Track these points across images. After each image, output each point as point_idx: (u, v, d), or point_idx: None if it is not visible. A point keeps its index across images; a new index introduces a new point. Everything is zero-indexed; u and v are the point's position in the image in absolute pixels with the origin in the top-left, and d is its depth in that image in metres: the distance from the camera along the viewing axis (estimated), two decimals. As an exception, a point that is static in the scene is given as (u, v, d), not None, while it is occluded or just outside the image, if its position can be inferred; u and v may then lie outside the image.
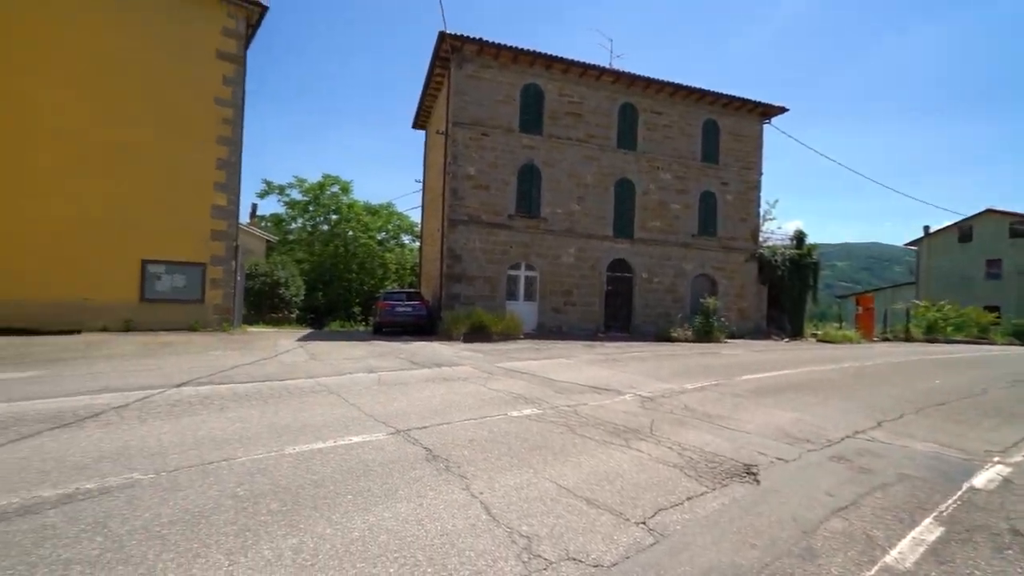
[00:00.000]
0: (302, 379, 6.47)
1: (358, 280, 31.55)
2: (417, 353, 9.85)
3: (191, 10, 12.17)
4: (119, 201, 11.47)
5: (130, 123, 11.53)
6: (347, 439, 3.87)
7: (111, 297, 11.50)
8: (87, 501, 2.67)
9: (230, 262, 13.06)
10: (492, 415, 4.84)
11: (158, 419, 4.34)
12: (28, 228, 10.56)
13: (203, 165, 12.45)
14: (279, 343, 11.27)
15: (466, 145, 15.51)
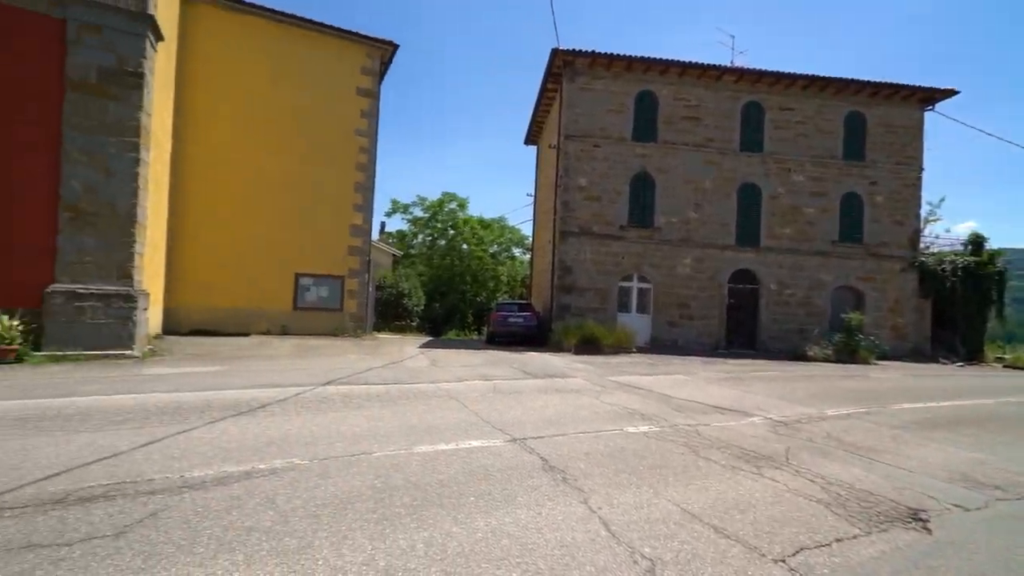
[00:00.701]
0: (425, 384, 6.95)
1: (472, 291, 33.09)
2: (529, 363, 10.03)
3: (337, 56, 13.94)
4: (279, 224, 13.42)
5: (289, 157, 13.49)
6: (468, 443, 4.07)
7: (273, 306, 13.45)
8: (260, 479, 3.14)
9: (364, 275, 14.53)
10: (607, 429, 4.75)
11: (309, 413, 4.96)
12: (215, 249, 12.81)
13: (343, 189, 14.09)
14: (404, 349, 12.24)
15: (577, 157, 15.58)
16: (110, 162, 8.32)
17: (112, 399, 5.25)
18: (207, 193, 12.64)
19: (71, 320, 8.02)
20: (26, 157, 7.88)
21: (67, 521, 2.48)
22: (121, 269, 8.48)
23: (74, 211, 8.12)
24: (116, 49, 8.32)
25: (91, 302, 8.15)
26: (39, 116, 7.93)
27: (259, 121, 13.19)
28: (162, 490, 2.90)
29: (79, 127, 8.12)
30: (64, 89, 8.03)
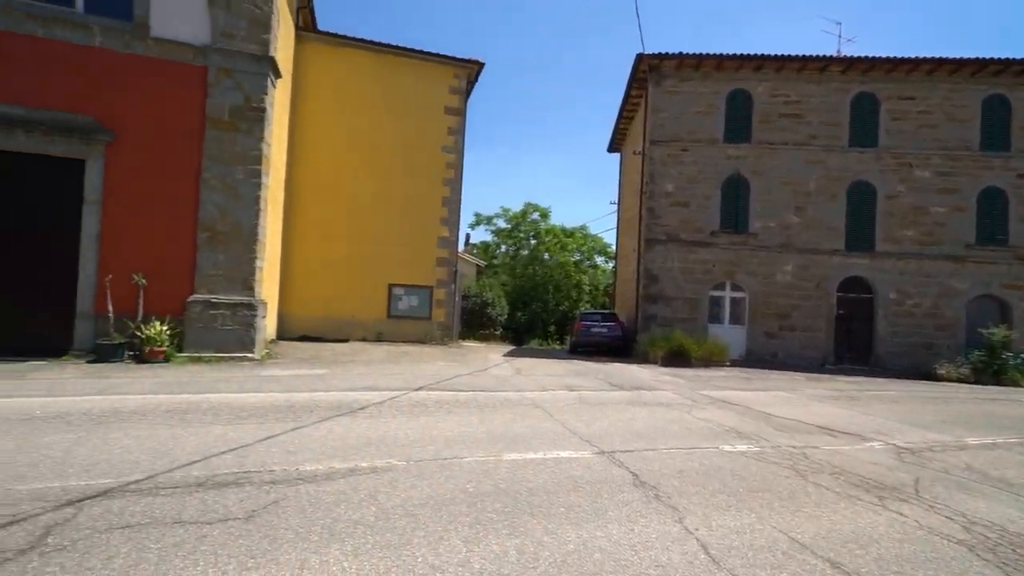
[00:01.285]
0: (511, 392, 7.06)
1: (554, 300, 33.10)
2: (614, 374, 9.81)
3: (426, 78, 14.78)
4: (374, 238, 14.41)
5: (383, 176, 14.48)
6: (555, 453, 4.07)
7: (368, 314, 14.43)
8: (363, 476, 3.37)
9: (451, 285, 15.13)
10: (701, 446, 4.51)
11: (404, 416, 5.24)
12: (320, 263, 14.04)
13: (431, 203, 14.82)
14: (489, 357, 12.53)
15: (663, 162, 15.09)
16: (238, 187, 9.50)
17: (238, 397, 5.92)
18: (314, 212, 13.93)
19: (206, 326, 9.19)
20: (176, 185, 9.23)
21: (207, 503, 2.83)
22: (245, 281, 9.59)
23: (210, 231, 9.36)
24: (244, 88, 9.52)
25: (221, 310, 9.29)
26: (186, 150, 9.26)
27: (357, 144, 14.31)
28: (281, 481, 3.22)
29: (214, 157, 9.37)
30: (204, 126, 9.33)
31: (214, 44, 9.39)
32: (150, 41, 9.10)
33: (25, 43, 8.56)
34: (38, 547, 2.26)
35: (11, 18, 8.50)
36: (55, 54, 8.68)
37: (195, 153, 9.33)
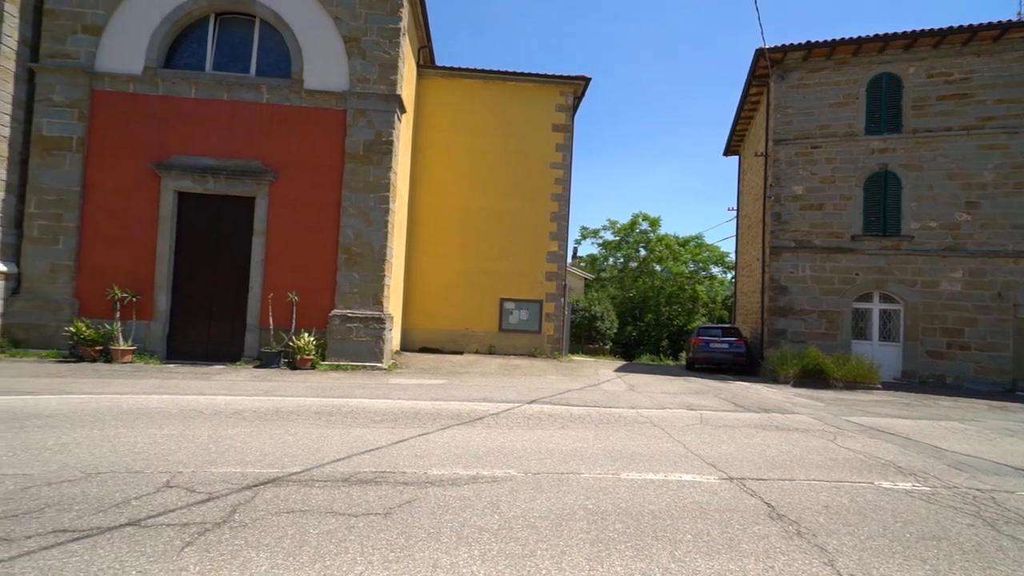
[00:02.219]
0: (625, 409, 6.87)
1: (667, 314, 31.59)
2: (739, 394, 9.06)
3: (533, 98, 15.22)
4: (487, 254, 15.06)
5: (495, 194, 15.13)
6: (677, 476, 3.87)
7: (481, 327, 15.06)
8: (485, 484, 3.52)
9: (560, 299, 15.21)
10: (851, 480, 3.97)
11: (520, 428, 5.36)
12: (438, 279, 15.03)
13: (540, 219, 15.11)
14: (599, 372, 12.32)
15: (790, 163, 13.76)
16: (370, 213, 10.60)
17: (372, 402, 6.53)
18: (432, 231, 14.99)
19: (344, 338, 10.31)
20: (321, 214, 10.58)
21: (352, 497, 3.16)
22: (375, 297, 10.60)
23: (348, 253, 10.54)
24: (375, 125, 10.66)
25: (356, 324, 10.36)
26: (329, 183, 10.60)
27: (472, 165, 15.16)
28: (412, 483, 3.48)
29: (351, 187, 10.58)
30: (344, 160, 10.61)
31: (352, 89, 10.69)
32: (303, 92, 10.64)
33: (216, 106, 10.52)
34: (228, 521, 2.70)
35: (207, 89, 10.52)
36: (236, 112, 10.53)
37: (336, 185, 10.63)
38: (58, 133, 10.19)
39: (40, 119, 10.18)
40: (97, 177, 10.30)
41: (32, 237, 10.09)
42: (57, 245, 10.11)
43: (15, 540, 2.39)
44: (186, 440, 4.33)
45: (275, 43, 10.93)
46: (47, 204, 10.12)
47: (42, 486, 3.12)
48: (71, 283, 10.12)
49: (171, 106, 10.47)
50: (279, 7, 10.74)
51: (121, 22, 10.47)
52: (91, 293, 10.09)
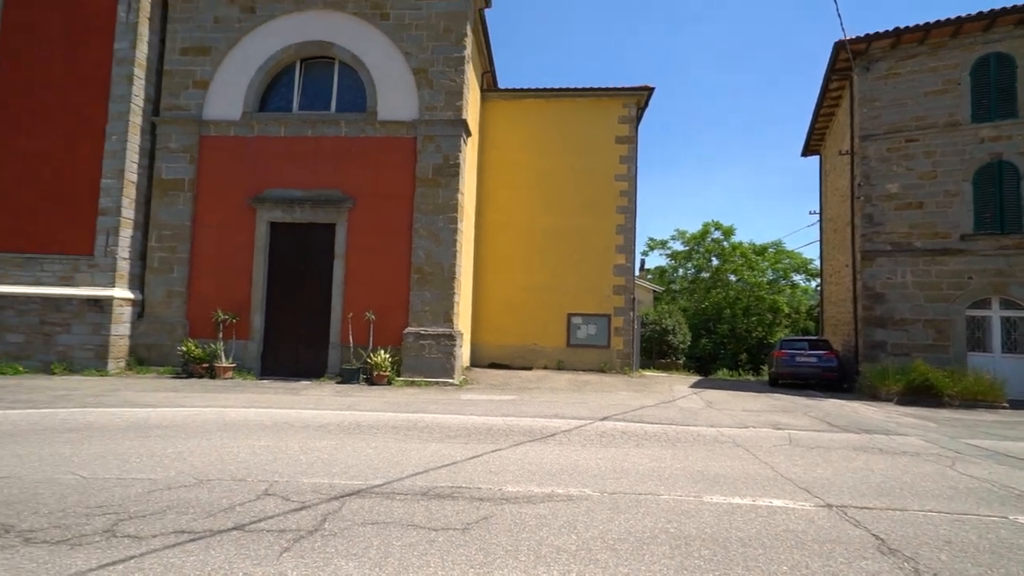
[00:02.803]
0: (703, 427, 6.54)
1: (744, 326, 29.80)
2: (832, 413, 8.32)
3: (595, 112, 15.21)
4: (553, 270, 15.08)
5: (559, 209, 15.18)
6: (766, 501, 3.61)
7: (549, 342, 15.03)
8: (560, 503, 3.48)
9: (628, 313, 14.86)
10: (978, 514, 3.50)
11: (593, 446, 5.27)
12: (505, 295, 15.24)
13: (606, 232, 14.93)
14: (673, 388, 11.83)
15: (882, 159, 12.64)
16: (439, 234, 11.02)
17: (445, 418, 6.70)
18: (499, 249, 15.27)
19: (417, 354, 10.70)
20: (394, 237, 11.17)
21: (431, 511, 3.25)
22: (445, 315, 10.94)
23: (420, 273, 11.00)
24: (443, 150, 11.15)
25: (428, 341, 10.73)
26: (401, 207, 11.19)
27: (536, 182, 15.34)
28: (488, 499, 3.52)
29: (422, 210, 11.08)
30: (415, 185, 11.16)
31: (421, 117, 11.28)
32: (377, 124, 11.38)
33: (302, 142, 11.53)
34: (319, 530, 2.87)
35: (294, 127, 11.57)
36: (319, 146, 11.47)
37: (408, 208, 11.18)
38: (173, 176, 11.59)
39: (159, 164, 11.65)
40: (204, 213, 11.57)
41: (153, 267, 11.48)
42: (172, 274, 11.42)
43: (144, 538, 2.69)
44: (280, 451, 4.67)
45: (352, 80, 11.81)
46: (165, 238, 11.49)
47: (164, 490, 3.49)
48: (183, 307, 11.36)
49: (264, 145, 11.59)
50: (356, 48, 11.62)
51: (223, 76, 11.80)
52: (199, 316, 11.26)
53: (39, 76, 11.57)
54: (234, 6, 11.87)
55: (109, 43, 11.42)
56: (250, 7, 11.86)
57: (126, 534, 2.74)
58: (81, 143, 11.32)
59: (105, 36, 11.46)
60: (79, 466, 4.05)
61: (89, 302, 10.84)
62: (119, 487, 3.55)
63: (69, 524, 2.87)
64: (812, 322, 30.32)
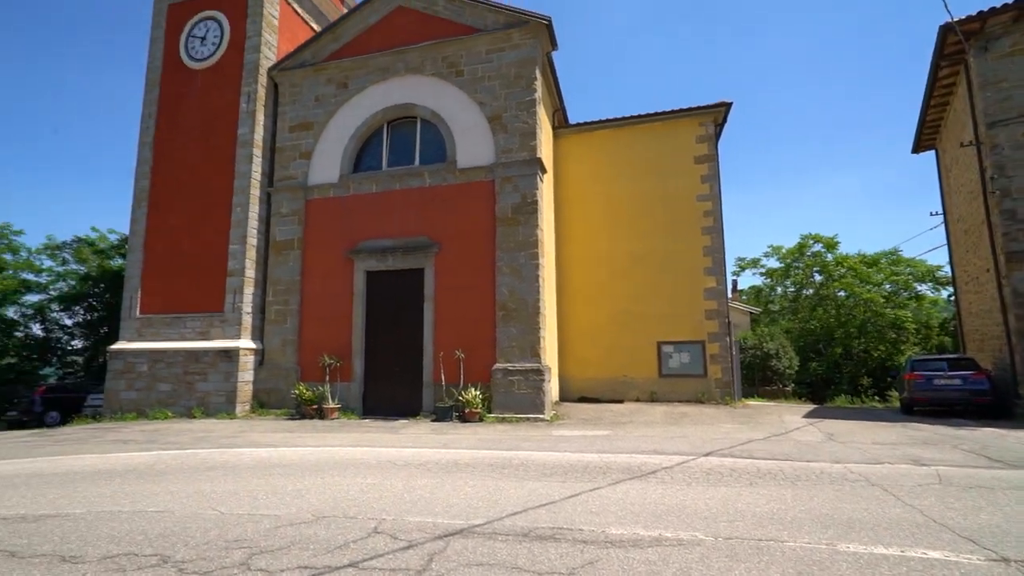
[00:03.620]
0: (826, 463, 5.85)
1: (861, 346, 26.60)
2: (991, 445, 7.07)
3: (670, 135, 14.90)
4: (638, 297, 14.65)
5: (641, 235, 14.85)
6: (920, 552, 3.11)
7: (640, 373, 14.44)
8: (669, 547, 3.25)
9: (725, 338, 13.93)
10: None
11: (699, 484, 4.91)
12: (590, 326, 15.00)
13: (692, 255, 14.30)
14: (784, 419, 10.76)
15: (1017, 146, 11.01)
16: (521, 270, 11.24)
17: (539, 455, 6.62)
18: (581, 280, 15.18)
19: (506, 390, 10.79)
20: (478, 275, 11.58)
21: (534, 553, 3.19)
22: (532, 349, 10.99)
23: (504, 309, 11.23)
24: (520, 189, 11.51)
25: (517, 376, 10.79)
26: (483, 247, 11.64)
27: (614, 210, 15.21)
28: (592, 541, 3.39)
29: (503, 248, 11.42)
30: (495, 224, 11.57)
31: (497, 160, 11.80)
32: (457, 172, 12.08)
33: (391, 196, 12.53)
34: (427, 570, 2.93)
35: (384, 183, 12.65)
36: (406, 198, 12.39)
37: (490, 248, 11.58)
38: (285, 237, 13.05)
39: (274, 227, 13.19)
40: (310, 267, 12.83)
41: (270, 319, 12.83)
42: (286, 324, 12.67)
43: (273, 572, 2.91)
44: (384, 489, 4.88)
45: (433, 134, 12.70)
46: (279, 292, 12.85)
47: (287, 526, 3.78)
48: (295, 354, 12.50)
49: (359, 202, 12.73)
50: (434, 105, 12.56)
51: (323, 145, 13.26)
52: (308, 361, 12.31)
53: (181, 163, 13.80)
54: (331, 84, 13.41)
55: (233, 130, 13.38)
56: (343, 83, 13.33)
57: (259, 568, 2.99)
58: (212, 216, 13.20)
59: (230, 124, 13.46)
60: (217, 502, 4.52)
61: (220, 353, 12.31)
62: (251, 523, 3.90)
63: (212, 556, 3.20)
64: (948, 337, 26.36)
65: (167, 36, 14.61)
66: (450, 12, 12.91)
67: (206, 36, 14.27)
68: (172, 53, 14.53)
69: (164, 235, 13.57)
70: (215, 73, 14.03)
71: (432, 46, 12.73)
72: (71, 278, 22.64)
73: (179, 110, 14.12)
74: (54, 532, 3.81)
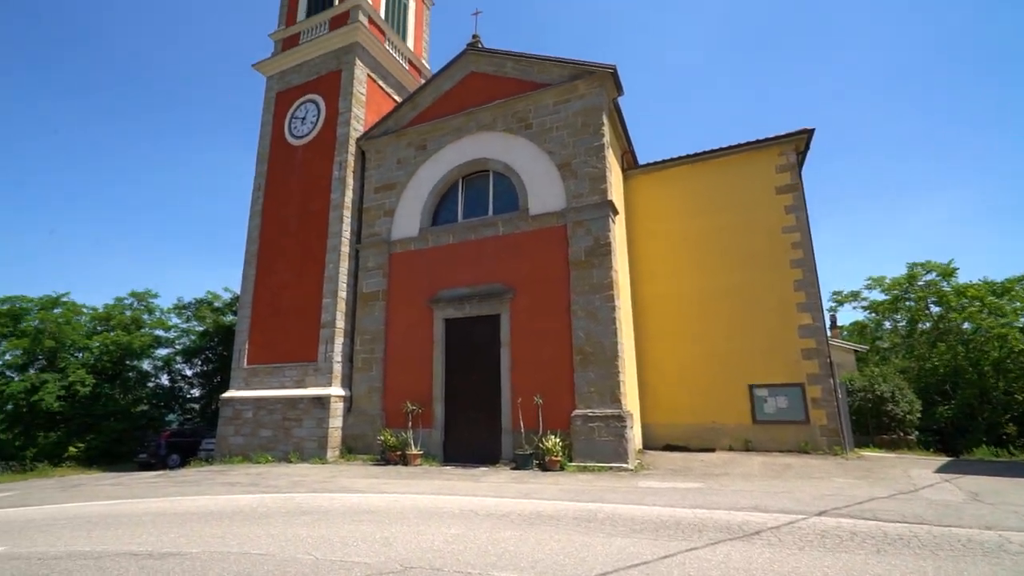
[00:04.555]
0: (973, 529, 4.98)
1: (999, 387, 22.85)
2: None
3: (748, 166, 14.36)
4: (723, 337, 13.80)
5: (722, 272, 14.17)
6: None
7: (730, 420, 13.39)
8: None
9: (827, 379, 12.63)
10: None
11: (813, 549, 4.36)
12: (671, 370, 14.27)
13: (782, 290, 13.35)
14: (910, 473, 9.38)
15: None
16: (597, 313, 11.09)
17: (626, 508, 6.26)
18: (659, 321, 14.64)
19: (587, 438, 10.44)
20: (553, 320, 11.57)
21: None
22: (612, 395, 10.63)
23: (581, 354, 11.06)
24: (592, 232, 11.56)
25: (597, 423, 10.44)
26: (557, 291, 11.69)
27: (691, 248, 14.71)
28: (693, 609, 3.10)
29: (578, 291, 11.39)
30: (569, 269, 11.63)
31: (568, 206, 12.00)
32: (530, 219, 12.41)
33: (466, 246, 13.09)
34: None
35: (460, 234, 13.27)
36: (481, 247, 12.87)
37: (564, 292, 11.59)
38: (371, 289, 13.96)
39: (361, 280, 14.18)
40: (394, 316, 13.54)
41: (357, 367, 13.57)
42: (371, 371, 13.33)
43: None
44: (469, 541, 4.83)
45: (505, 185, 13.24)
46: (365, 341, 13.63)
47: None
48: (380, 400, 13.04)
49: (437, 254, 13.40)
50: (505, 158, 13.16)
51: (404, 203, 14.29)
52: (392, 407, 12.77)
53: (283, 227, 15.44)
54: (410, 148, 14.57)
55: (327, 195, 14.83)
56: (422, 145, 14.42)
57: (354, 617, 3.04)
58: (308, 273, 14.49)
59: (324, 190, 14.96)
60: (312, 547, 4.71)
61: (314, 400, 13.15)
62: (343, 570, 4.01)
63: (312, 603, 3.30)
64: (1120, 376, 22.05)
65: (275, 119, 16.77)
66: (518, 71, 13.69)
67: (306, 116, 16.21)
68: (278, 133, 16.61)
69: (268, 292, 15.06)
70: (312, 147, 15.78)
71: (502, 104, 13.49)
72: (192, 334, 25.59)
73: (282, 181, 15.96)
74: (174, 570, 4.16)
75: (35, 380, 19.69)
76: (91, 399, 20.74)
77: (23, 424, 19.49)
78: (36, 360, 21.29)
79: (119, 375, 23.20)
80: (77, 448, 19.55)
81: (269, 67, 17.43)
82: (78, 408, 20.15)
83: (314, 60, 16.65)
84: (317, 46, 16.60)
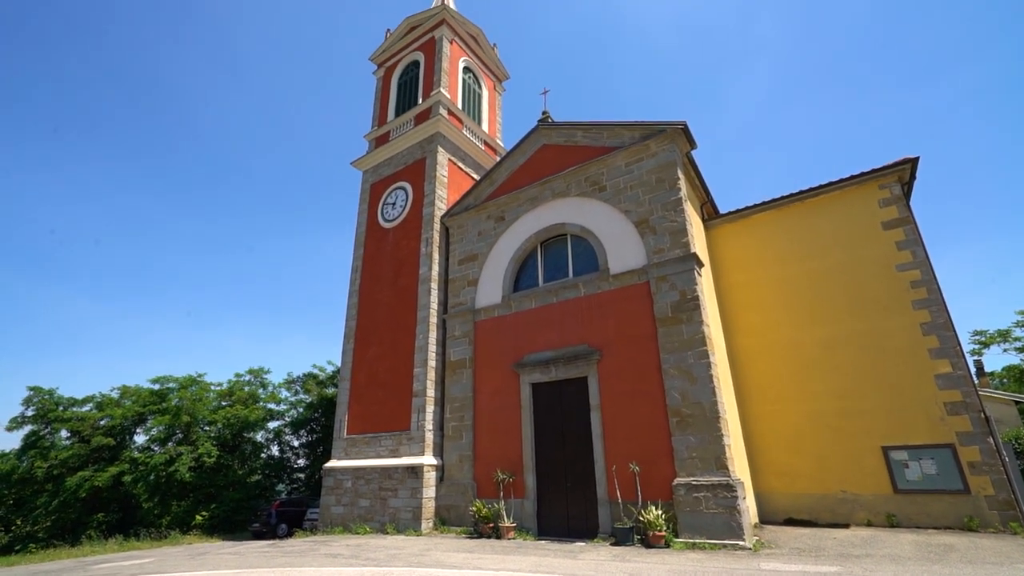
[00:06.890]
0: None
1: None
2: None
3: (848, 203, 13.28)
4: (840, 392, 12.28)
5: (828, 320, 12.88)
6: None
7: (863, 488, 11.58)
8: None
9: (985, 439, 10.65)
10: None
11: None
12: (782, 430, 12.82)
13: (907, 335, 11.80)
14: None
15: None
16: (691, 371, 10.47)
17: (750, 594, 5.52)
18: (762, 377, 13.43)
19: (692, 509, 9.53)
20: (644, 380, 11.06)
21: None
22: (717, 460, 9.73)
23: (678, 415, 10.37)
24: (677, 287, 11.20)
25: (703, 492, 9.53)
26: (646, 349, 11.26)
27: (790, 296, 13.63)
28: None
29: (667, 349, 10.89)
30: (655, 325, 11.24)
31: (650, 262, 11.82)
32: (611, 279, 12.34)
33: (549, 310, 13.22)
34: None
35: (541, 298, 13.48)
36: (563, 310, 12.93)
37: (653, 350, 11.15)
38: (458, 356, 14.38)
39: (448, 349, 14.68)
40: (481, 383, 13.73)
41: (448, 435, 13.75)
42: (462, 440, 13.41)
43: None
44: (575, 626, 4.49)
45: (583, 247, 13.42)
46: (455, 409, 13.86)
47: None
48: (471, 469, 12.97)
49: (520, 319, 13.63)
50: (582, 221, 13.44)
51: (486, 272, 14.91)
52: (483, 475, 12.63)
53: (377, 303, 16.65)
54: (490, 220, 15.40)
55: (415, 270, 15.92)
56: (500, 217, 15.20)
57: None
58: (400, 344, 15.31)
59: (413, 266, 16.08)
60: (416, 626, 4.62)
61: (408, 469, 13.39)
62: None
63: None
64: None
65: (369, 208, 18.67)
66: (588, 139, 14.25)
67: (395, 201, 17.89)
68: (372, 219, 18.40)
69: (365, 365, 16.04)
70: (401, 228, 17.24)
71: (574, 171, 13.98)
72: (300, 406, 27.60)
73: (375, 262, 17.43)
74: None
75: (172, 452, 22.07)
76: (215, 470, 22.73)
77: (160, 493, 21.67)
78: (175, 434, 23.97)
79: (238, 447, 25.33)
80: (202, 516, 21.24)
81: (364, 163, 19.69)
82: (204, 478, 22.12)
83: (402, 152, 18.58)
84: (405, 140, 18.58)
